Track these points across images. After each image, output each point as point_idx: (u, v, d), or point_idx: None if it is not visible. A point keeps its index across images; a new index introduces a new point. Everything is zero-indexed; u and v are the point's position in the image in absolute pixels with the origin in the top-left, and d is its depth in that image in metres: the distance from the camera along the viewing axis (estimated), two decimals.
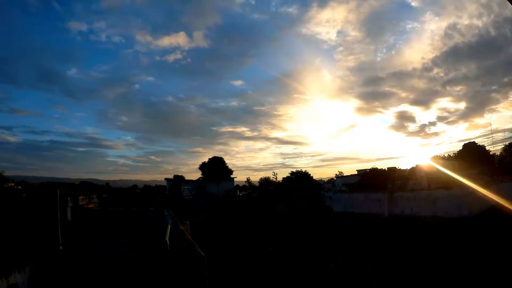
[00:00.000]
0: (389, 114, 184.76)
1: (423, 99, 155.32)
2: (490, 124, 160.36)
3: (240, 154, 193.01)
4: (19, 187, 40.90)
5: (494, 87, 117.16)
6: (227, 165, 55.98)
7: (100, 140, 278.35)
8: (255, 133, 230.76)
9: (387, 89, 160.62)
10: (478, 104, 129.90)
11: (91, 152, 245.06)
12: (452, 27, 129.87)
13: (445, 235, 17.54)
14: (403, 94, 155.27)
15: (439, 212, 23.17)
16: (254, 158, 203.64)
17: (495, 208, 21.73)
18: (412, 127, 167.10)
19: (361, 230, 22.71)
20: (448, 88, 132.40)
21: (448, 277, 11.28)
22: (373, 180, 36.69)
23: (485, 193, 23.05)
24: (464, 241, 15.39)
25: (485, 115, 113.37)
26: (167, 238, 7.72)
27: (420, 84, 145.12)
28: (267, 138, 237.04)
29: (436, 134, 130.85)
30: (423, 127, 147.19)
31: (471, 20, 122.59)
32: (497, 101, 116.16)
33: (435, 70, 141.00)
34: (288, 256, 16.17)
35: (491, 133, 70.20)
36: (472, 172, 30.77)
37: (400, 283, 11.31)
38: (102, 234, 16.06)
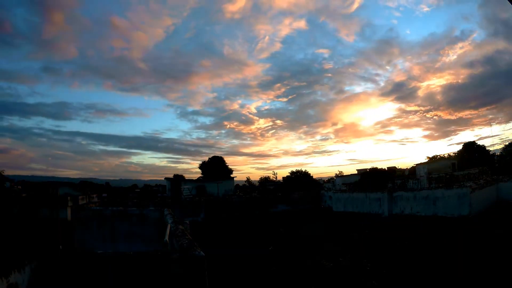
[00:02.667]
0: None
1: None
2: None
3: None
4: (19, 186, 40.87)
5: None
6: (227, 164, 56.06)
7: None
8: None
9: None
10: None
11: None
12: None
13: (445, 235, 17.54)
14: None
15: (439, 212, 23.18)
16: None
17: (495, 208, 21.75)
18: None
19: (361, 230, 22.71)
20: None
21: (448, 277, 11.29)
22: (373, 180, 36.71)
23: (485, 193, 23.06)
24: (464, 241, 15.39)
25: None
26: (167, 238, 7.72)
27: None
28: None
29: None
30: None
31: None
32: None
33: None
34: (288, 255, 16.17)
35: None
36: (472, 171, 30.78)
37: (400, 283, 11.31)
38: (102, 233, 16.04)
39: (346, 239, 19.89)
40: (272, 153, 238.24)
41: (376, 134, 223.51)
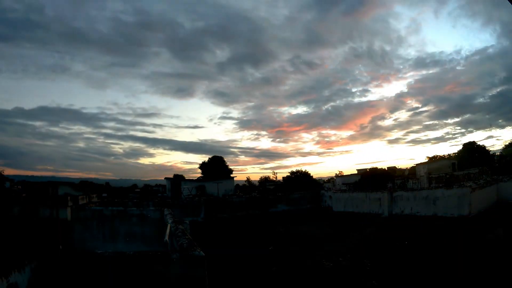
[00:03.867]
0: None
1: None
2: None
3: None
4: (18, 186, 40.86)
5: None
6: (227, 164, 56.05)
7: None
8: None
9: None
10: None
11: None
12: None
13: (445, 235, 17.54)
14: None
15: (439, 212, 23.17)
16: None
17: (495, 208, 21.74)
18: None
19: (361, 230, 22.72)
20: None
21: (448, 277, 11.29)
22: (373, 180, 36.72)
23: (485, 193, 23.06)
24: (464, 241, 15.40)
25: None
26: (167, 238, 7.73)
27: None
28: None
29: None
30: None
31: None
32: None
33: None
34: (288, 255, 16.18)
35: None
36: (472, 171, 30.79)
37: (400, 283, 11.31)
38: (102, 233, 16.05)
39: (346, 239, 19.91)
40: (290, 154, 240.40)
41: (388, 136, 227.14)
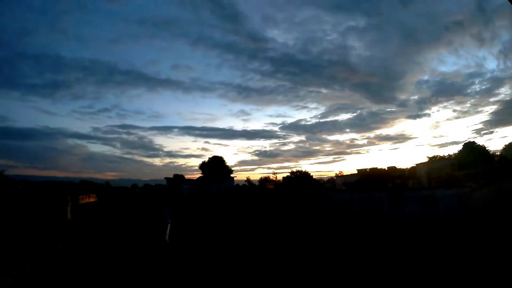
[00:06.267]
0: None
1: None
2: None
3: None
4: (19, 186, 40.88)
5: None
6: (227, 164, 56.01)
7: None
8: None
9: None
10: None
11: None
12: None
13: (445, 234, 17.56)
14: None
15: (439, 212, 23.20)
16: None
17: (495, 208, 21.76)
18: None
19: (362, 230, 22.72)
20: None
21: (449, 276, 11.31)
22: (373, 180, 36.69)
23: (485, 193, 23.09)
24: (464, 241, 15.41)
25: None
26: (167, 237, 7.75)
27: None
28: None
29: None
30: None
31: None
32: None
33: None
34: (288, 255, 16.18)
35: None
36: (472, 171, 30.80)
37: (401, 283, 11.32)
38: (102, 232, 16.08)
39: (347, 240, 19.89)
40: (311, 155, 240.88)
41: (412, 139, 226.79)
